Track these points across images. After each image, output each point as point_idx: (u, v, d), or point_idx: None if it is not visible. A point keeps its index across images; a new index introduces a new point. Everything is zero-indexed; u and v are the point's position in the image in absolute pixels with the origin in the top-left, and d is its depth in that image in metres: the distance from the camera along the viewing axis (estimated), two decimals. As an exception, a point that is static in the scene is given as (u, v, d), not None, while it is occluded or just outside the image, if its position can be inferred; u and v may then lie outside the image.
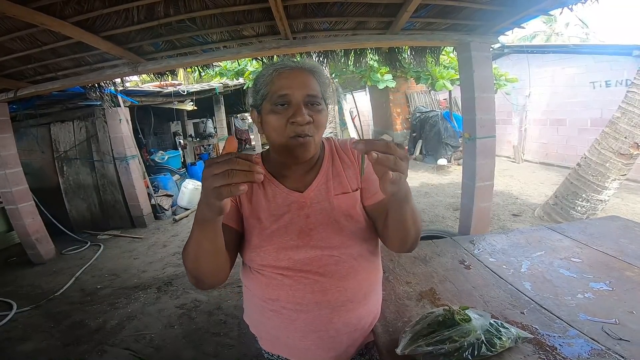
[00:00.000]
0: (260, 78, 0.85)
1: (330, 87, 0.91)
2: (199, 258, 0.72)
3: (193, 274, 0.75)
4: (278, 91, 0.79)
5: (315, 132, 0.81)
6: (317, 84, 0.83)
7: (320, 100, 0.83)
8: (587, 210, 3.85)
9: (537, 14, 2.46)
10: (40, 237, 4.05)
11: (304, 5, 2.28)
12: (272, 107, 0.80)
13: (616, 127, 3.57)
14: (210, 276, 0.77)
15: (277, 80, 0.80)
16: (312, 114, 0.79)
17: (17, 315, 2.89)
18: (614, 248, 1.40)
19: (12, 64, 2.77)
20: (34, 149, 5.15)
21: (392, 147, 0.57)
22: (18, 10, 1.81)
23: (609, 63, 6.00)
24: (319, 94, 0.82)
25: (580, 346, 0.84)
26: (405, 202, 0.72)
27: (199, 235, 0.68)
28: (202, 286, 0.79)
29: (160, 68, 2.89)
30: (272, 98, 0.80)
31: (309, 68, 0.84)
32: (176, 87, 6.35)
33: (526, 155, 7.99)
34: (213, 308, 2.77)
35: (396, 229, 0.80)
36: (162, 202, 5.68)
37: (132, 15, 2.15)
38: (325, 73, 0.90)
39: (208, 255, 0.73)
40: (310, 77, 0.82)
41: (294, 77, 0.80)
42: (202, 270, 0.75)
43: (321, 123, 0.82)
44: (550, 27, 16.35)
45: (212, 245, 0.71)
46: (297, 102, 0.78)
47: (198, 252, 0.71)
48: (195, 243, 0.69)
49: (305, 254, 0.81)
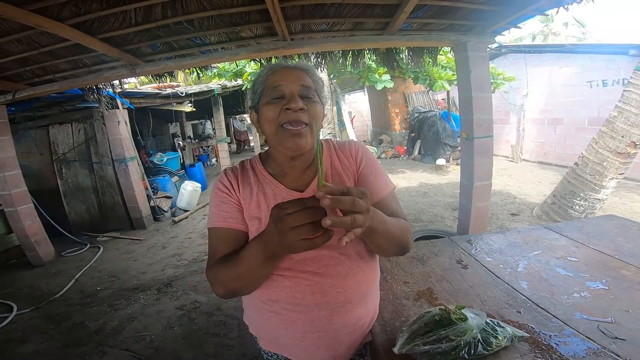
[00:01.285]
0: (257, 79, 0.88)
1: (324, 88, 0.91)
2: (251, 282, 0.81)
3: (233, 291, 0.82)
4: (272, 84, 0.82)
5: (311, 120, 0.81)
6: (310, 80, 0.85)
7: (314, 93, 0.85)
8: (585, 209, 3.87)
9: (533, 13, 2.48)
10: (39, 239, 4.05)
11: (301, 7, 2.29)
12: (268, 100, 0.83)
13: (613, 126, 3.58)
14: (249, 289, 0.85)
15: (272, 76, 0.84)
16: (306, 104, 0.81)
17: (17, 317, 2.89)
18: (611, 247, 1.41)
19: (10, 66, 2.77)
20: (32, 151, 5.14)
21: (357, 204, 0.57)
22: (15, 12, 1.81)
23: (605, 62, 6.02)
24: (312, 86, 0.85)
25: (576, 345, 0.85)
26: (372, 234, 0.72)
27: (261, 266, 0.74)
28: (231, 297, 0.85)
29: (158, 70, 2.89)
30: (268, 92, 0.83)
31: (301, 67, 0.87)
32: (175, 88, 6.34)
33: (524, 155, 8.01)
34: (213, 309, 2.78)
35: (374, 248, 0.86)
36: (161, 203, 5.68)
37: (130, 17, 2.15)
38: (318, 74, 0.92)
39: (261, 279, 0.81)
40: (304, 74, 0.85)
41: (288, 73, 0.83)
42: (246, 289, 0.84)
43: (316, 114, 0.83)
44: (547, 27, 16.38)
45: (269, 272, 0.80)
46: (290, 92, 0.81)
47: (251, 278, 0.79)
48: (247, 266, 0.75)
49: (305, 254, 0.82)
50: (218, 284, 0.80)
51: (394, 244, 0.81)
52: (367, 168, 0.92)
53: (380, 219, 0.72)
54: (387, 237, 0.77)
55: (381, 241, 0.78)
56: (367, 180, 0.90)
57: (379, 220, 0.71)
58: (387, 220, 0.76)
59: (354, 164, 0.93)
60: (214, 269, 0.81)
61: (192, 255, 4.01)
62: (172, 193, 6.08)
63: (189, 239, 4.65)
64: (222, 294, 0.81)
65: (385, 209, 0.86)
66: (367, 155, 0.95)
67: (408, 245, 0.86)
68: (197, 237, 4.70)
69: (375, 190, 0.89)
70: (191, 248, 4.27)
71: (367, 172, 0.92)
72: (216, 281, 0.80)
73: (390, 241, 0.80)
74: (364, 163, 0.93)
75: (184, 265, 3.76)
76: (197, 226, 5.21)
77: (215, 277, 0.80)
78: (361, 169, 0.92)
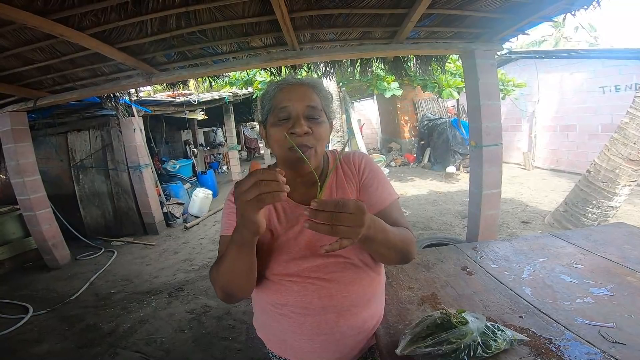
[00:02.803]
0: (265, 95, 0.92)
1: (332, 102, 0.94)
2: (234, 277, 0.80)
3: (225, 290, 0.83)
4: (279, 104, 0.85)
5: (316, 143, 0.85)
6: (317, 97, 0.87)
7: (320, 112, 0.87)
8: (598, 217, 3.80)
9: (541, 20, 2.49)
10: (56, 243, 4.16)
11: (310, 17, 2.35)
12: (274, 121, 0.86)
13: (625, 133, 3.53)
14: (241, 292, 0.85)
15: (279, 94, 0.87)
16: (311, 126, 0.84)
17: (32, 318, 2.98)
18: (617, 254, 1.40)
19: (32, 74, 2.88)
20: (51, 157, 5.32)
21: (338, 218, 0.62)
22: (39, 22, 1.90)
23: (617, 67, 5.95)
24: (318, 105, 0.87)
25: (576, 348, 0.86)
26: (371, 242, 0.76)
27: (235, 257, 0.76)
28: (231, 300, 0.87)
29: (172, 79, 2.99)
30: (275, 112, 0.86)
31: (308, 83, 0.89)
32: (187, 96, 6.47)
33: (536, 162, 7.92)
34: (222, 313, 2.82)
35: (374, 255, 0.89)
36: (173, 209, 5.79)
37: (146, 27, 2.24)
38: (326, 88, 0.94)
39: (242, 274, 0.80)
40: (310, 91, 0.87)
41: (294, 91, 0.86)
42: (234, 287, 0.83)
43: (321, 135, 0.86)
44: (559, 32, 16.23)
45: (246, 265, 0.79)
46: (296, 113, 0.83)
47: (233, 272, 0.79)
48: (229, 264, 0.77)
49: (313, 262, 0.85)
50: (215, 284, 0.83)
51: (394, 252, 0.84)
52: (369, 179, 0.95)
53: (379, 228, 0.75)
54: (387, 246, 0.80)
55: (381, 249, 0.81)
56: (369, 191, 0.94)
57: (377, 229, 0.74)
58: (387, 229, 0.79)
59: (357, 175, 0.96)
60: (212, 270, 0.84)
61: (202, 261, 4.07)
62: (184, 199, 6.18)
63: (200, 244, 4.72)
64: (220, 295, 0.84)
65: (387, 218, 0.89)
66: (371, 166, 0.98)
67: (410, 254, 0.89)
68: (207, 243, 4.76)
69: (376, 201, 0.92)
70: (202, 254, 4.33)
71: (369, 183, 0.95)
72: (213, 281, 0.83)
73: (391, 249, 0.82)
74: (366, 174, 0.96)
75: (195, 270, 3.82)
76: (208, 232, 5.28)
77: (213, 278, 0.83)
78: (363, 180, 0.95)
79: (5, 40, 2.27)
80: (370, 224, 0.70)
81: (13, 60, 2.58)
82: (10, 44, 2.32)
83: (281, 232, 0.90)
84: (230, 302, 0.86)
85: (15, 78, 2.95)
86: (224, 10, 2.18)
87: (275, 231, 0.90)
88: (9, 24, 2.02)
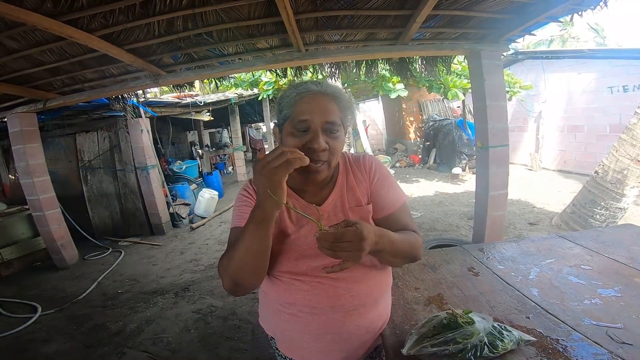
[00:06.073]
0: (284, 99, 0.90)
1: (351, 109, 0.96)
2: (247, 260, 0.79)
3: (234, 279, 0.82)
4: (299, 116, 0.84)
5: (331, 157, 0.86)
6: (337, 110, 0.87)
7: (339, 127, 0.87)
8: (606, 218, 3.76)
9: (547, 21, 2.47)
10: (65, 243, 4.21)
11: (315, 19, 2.36)
12: (292, 130, 0.85)
13: (633, 134, 3.49)
14: (252, 278, 0.83)
15: (300, 103, 0.86)
16: (328, 141, 0.84)
17: (41, 317, 3.02)
18: (626, 255, 1.39)
19: (41, 75, 2.92)
20: (60, 158, 5.39)
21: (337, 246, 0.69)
22: (49, 24, 1.92)
23: (625, 67, 5.88)
24: (338, 120, 0.87)
25: (583, 349, 0.86)
26: (379, 253, 0.80)
27: (253, 236, 0.76)
28: (239, 291, 0.85)
29: (179, 80, 3.02)
30: (293, 121, 0.85)
31: (331, 93, 0.88)
32: (193, 97, 6.52)
33: (544, 163, 7.84)
34: (228, 313, 2.83)
35: (382, 262, 0.92)
36: (179, 210, 5.83)
37: (154, 29, 2.27)
38: (347, 97, 0.92)
39: (256, 256, 0.80)
40: (332, 103, 0.87)
41: (315, 103, 0.85)
42: (245, 273, 0.81)
43: (337, 149, 0.87)
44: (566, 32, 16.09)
45: (262, 245, 0.79)
46: (315, 128, 0.83)
47: (247, 253, 0.78)
48: (244, 245, 0.77)
49: (322, 261, 0.86)
50: (224, 273, 0.82)
51: (402, 258, 0.88)
52: (379, 182, 0.97)
53: (387, 240, 0.79)
54: (395, 254, 0.84)
55: (389, 258, 0.85)
56: (379, 194, 0.96)
57: (385, 242, 0.78)
58: (395, 240, 0.81)
59: (368, 179, 0.98)
60: (222, 259, 0.84)
61: (208, 261, 4.09)
62: (190, 200, 6.22)
63: (206, 245, 4.74)
64: (228, 285, 0.83)
65: (396, 221, 0.93)
66: (381, 170, 1.00)
67: (417, 257, 0.92)
68: (213, 243, 4.79)
69: (386, 205, 0.95)
70: (208, 254, 4.36)
71: (380, 187, 0.97)
72: (223, 271, 0.82)
73: (398, 256, 0.86)
74: (377, 178, 0.98)
75: (201, 270, 3.84)
76: (213, 233, 5.31)
77: (223, 268, 0.82)
78: (374, 184, 0.97)
79: (16, 42, 2.31)
80: (378, 240, 0.75)
81: (23, 62, 2.62)
82: (21, 45, 2.36)
83: (292, 230, 0.92)
84: (237, 293, 0.85)
85: (25, 80, 2.99)
86: (229, 12, 2.19)
87: (286, 230, 0.92)
88: (20, 25, 2.05)
